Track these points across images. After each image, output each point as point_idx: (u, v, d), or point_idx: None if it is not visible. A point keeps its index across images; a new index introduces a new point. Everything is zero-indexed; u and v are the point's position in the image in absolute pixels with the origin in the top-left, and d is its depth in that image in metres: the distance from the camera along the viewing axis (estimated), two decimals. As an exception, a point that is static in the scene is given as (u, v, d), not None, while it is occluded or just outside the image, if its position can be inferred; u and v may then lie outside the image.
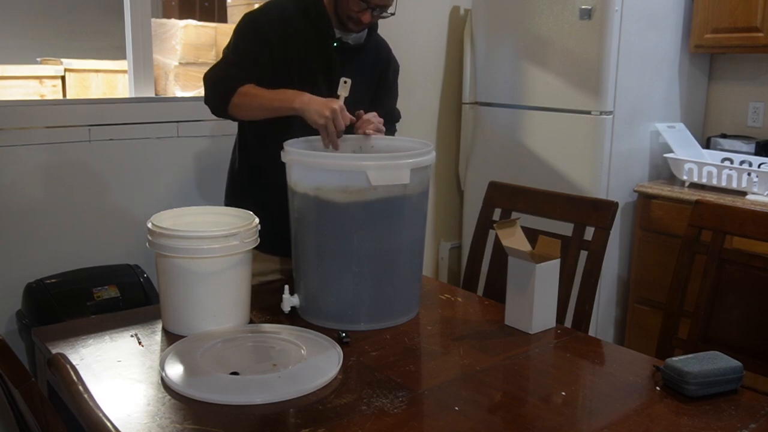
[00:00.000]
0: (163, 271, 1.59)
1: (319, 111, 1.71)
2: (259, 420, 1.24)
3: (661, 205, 2.91)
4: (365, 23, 1.89)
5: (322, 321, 1.66)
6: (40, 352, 1.57)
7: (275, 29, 1.88)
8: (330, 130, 1.71)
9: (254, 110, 1.85)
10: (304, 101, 1.74)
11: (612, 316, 3.16)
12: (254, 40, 1.88)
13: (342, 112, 1.72)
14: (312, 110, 1.72)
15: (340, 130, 1.72)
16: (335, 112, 1.70)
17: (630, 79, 2.93)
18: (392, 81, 2.13)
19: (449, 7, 3.54)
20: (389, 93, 2.12)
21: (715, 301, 1.77)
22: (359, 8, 1.85)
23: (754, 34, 2.87)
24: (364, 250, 1.63)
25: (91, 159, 2.55)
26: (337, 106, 1.71)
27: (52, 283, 2.36)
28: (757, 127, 3.20)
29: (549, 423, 1.25)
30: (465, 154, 3.54)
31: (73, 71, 3.12)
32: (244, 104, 1.84)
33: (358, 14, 1.86)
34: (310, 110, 1.73)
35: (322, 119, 1.70)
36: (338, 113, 1.70)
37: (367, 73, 2.03)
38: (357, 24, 1.89)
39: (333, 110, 1.70)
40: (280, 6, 1.92)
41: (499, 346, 1.58)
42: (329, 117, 1.70)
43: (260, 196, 1.94)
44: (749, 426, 1.25)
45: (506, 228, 1.68)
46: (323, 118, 1.70)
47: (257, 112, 1.85)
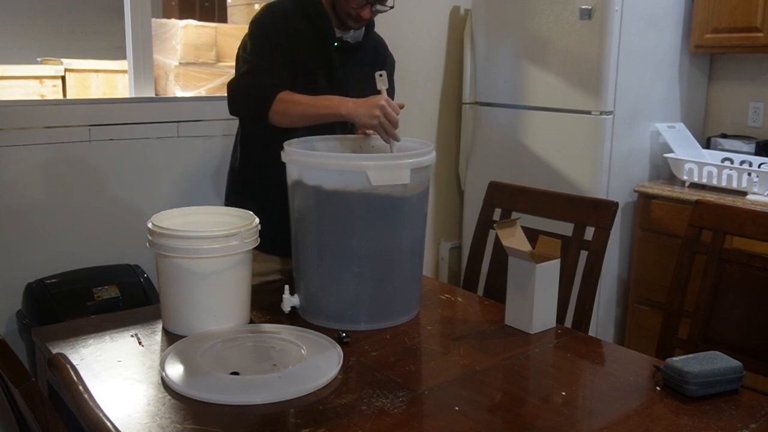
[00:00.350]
0: (163, 271, 1.59)
1: (369, 113, 1.72)
2: (259, 420, 1.24)
3: (661, 205, 2.91)
4: (365, 19, 1.89)
5: (322, 321, 1.66)
6: (40, 352, 1.57)
7: (281, 31, 1.88)
8: (386, 127, 1.73)
9: (297, 117, 1.82)
10: (350, 107, 1.74)
11: (612, 316, 3.16)
12: (266, 43, 1.87)
13: (390, 105, 1.73)
14: (362, 114, 1.73)
15: (394, 122, 1.73)
16: (384, 108, 1.71)
17: (630, 79, 2.93)
18: (389, 76, 2.13)
19: (449, 7, 3.54)
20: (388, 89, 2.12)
21: (715, 301, 1.77)
22: (358, 4, 1.85)
23: (754, 34, 2.87)
24: (364, 250, 1.63)
25: (91, 159, 2.55)
26: (384, 101, 1.72)
27: (52, 283, 2.36)
28: (757, 127, 3.20)
29: (549, 423, 1.25)
30: (465, 154, 3.54)
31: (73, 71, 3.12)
32: (286, 111, 1.81)
33: (358, 10, 1.86)
34: (360, 114, 1.73)
35: (375, 119, 1.71)
36: (387, 108, 1.71)
37: (367, 71, 2.03)
38: (357, 21, 1.89)
39: (382, 107, 1.71)
40: (281, 7, 1.92)
41: (499, 346, 1.58)
42: (380, 115, 1.71)
43: (260, 196, 1.94)
44: (749, 426, 1.25)
45: (506, 228, 1.68)
46: (375, 118, 1.71)
47: (300, 120, 1.83)
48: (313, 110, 1.80)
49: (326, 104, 1.79)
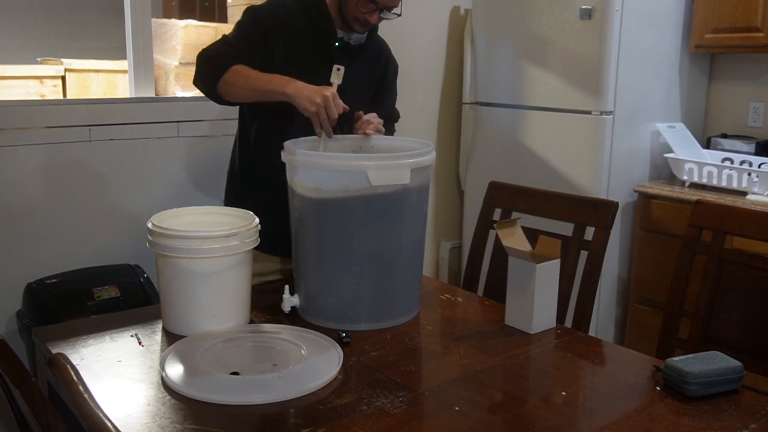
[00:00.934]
0: (163, 271, 1.59)
1: (310, 98, 1.68)
2: (259, 420, 1.24)
3: (662, 205, 2.91)
4: (372, 24, 1.90)
5: (322, 321, 1.66)
6: (41, 352, 1.57)
7: (277, 26, 1.88)
8: (322, 118, 1.68)
9: (244, 90, 1.79)
10: (296, 88, 1.71)
11: (612, 316, 3.16)
12: (254, 29, 1.87)
13: (335, 99, 1.68)
14: (303, 97, 1.69)
15: (332, 118, 1.69)
16: (327, 100, 1.67)
17: (630, 79, 2.93)
18: (392, 81, 2.13)
19: (449, 7, 3.54)
20: (388, 93, 2.12)
21: (715, 301, 1.77)
22: (367, 9, 1.85)
23: (755, 34, 2.87)
24: (364, 250, 1.63)
25: (91, 159, 2.55)
26: (329, 93, 1.68)
27: (53, 283, 2.36)
28: (757, 127, 3.20)
29: (549, 423, 1.25)
30: (465, 154, 3.54)
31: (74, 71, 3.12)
32: (234, 82, 1.79)
33: (366, 15, 1.86)
34: (302, 97, 1.69)
35: (314, 107, 1.67)
36: (330, 101, 1.67)
37: (368, 74, 2.03)
38: (363, 25, 1.89)
39: (325, 97, 1.67)
40: (282, 4, 1.92)
41: (499, 346, 1.58)
42: (321, 104, 1.67)
43: (260, 196, 1.94)
44: (749, 426, 1.25)
45: (506, 228, 1.68)
46: (314, 105, 1.67)
47: (247, 93, 1.80)
48: (260, 84, 1.77)
49: (274, 81, 1.75)
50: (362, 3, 1.84)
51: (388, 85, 2.11)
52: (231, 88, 1.81)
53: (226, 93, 1.82)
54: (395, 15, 1.91)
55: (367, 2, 1.84)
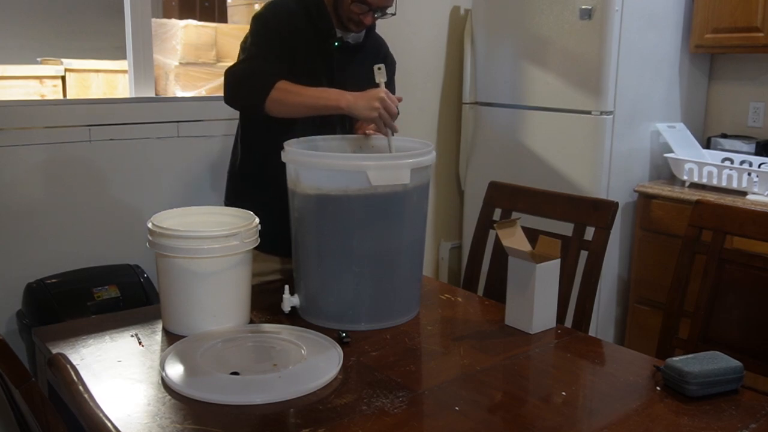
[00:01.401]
0: (163, 271, 1.59)
1: (369, 106, 1.72)
2: (259, 420, 1.24)
3: (662, 205, 2.91)
4: (366, 25, 1.90)
5: (322, 321, 1.66)
6: (40, 352, 1.57)
7: (283, 26, 1.88)
8: (386, 119, 1.73)
9: (295, 107, 1.80)
10: (349, 100, 1.74)
11: (612, 316, 3.16)
12: (266, 35, 1.86)
13: (389, 97, 1.73)
14: (361, 107, 1.73)
15: (393, 115, 1.74)
16: (384, 101, 1.72)
17: (630, 79, 2.93)
18: (390, 77, 2.13)
19: (449, 7, 3.54)
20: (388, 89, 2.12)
21: (715, 301, 1.77)
22: (361, 10, 1.85)
23: (754, 34, 2.87)
24: (364, 250, 1.63)
25: (91, 159, 2.55)
26: (384, 94, 1.73)
27: (52, 283, 2.36)
28: (757, 127, 3.20)
29: (549, 423, 1.25)
30: (465, 154, 3.54)
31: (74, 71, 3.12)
32: (284, 100, 1.79)
33: (360, 16, 1.86)
34: (359, 107, 1.73)
35: (375, 111, 1.72)
36: (387, 101, 1.72)
37: (366, 72, 2.03)
38: (358, 25, 1.90)
39: (382, 99, 1.72)
40: (284, 4, 1.92)
41: (499, 346, 1.58)
42: (380, 107, 1.72)
43: (260, 196, 1.94)
44: (749, 426, 1.25)
45: (506, 228, 1.68)
46: (375, 110, 1.72)
47: (298, 109, 1.81)
48: (311, 101, 1.78)
49: (325, 96, 1.78)
50: (356, 4, 1.84)
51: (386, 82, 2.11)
52: (280, 107, 1.80)
53: (274, 110, 1.81)
54: (390, 15, 1.91)
55: (360, 3, 1.84)
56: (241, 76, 1.84)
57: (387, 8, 1.88)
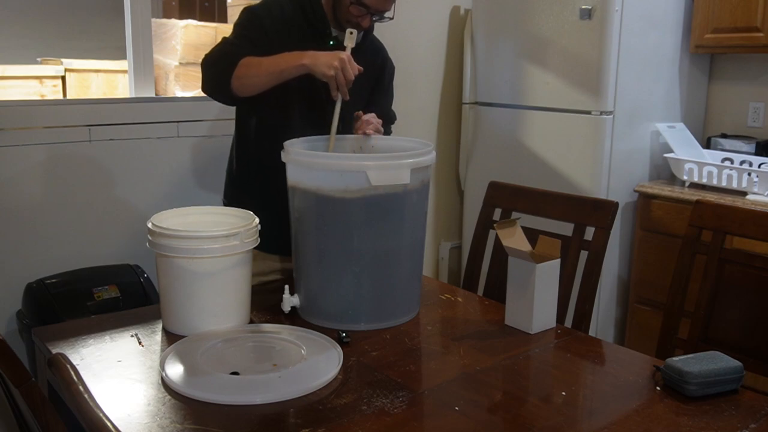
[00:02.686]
0: (163, 271, 1.59)
1: (328, 63, 1.71)
2: (259, 420, 1.24)
3: (661, 205, 2.91)
4: (364, 28, 1.90)
5: (322, 321, 1.66)
6: (40, 352, 1.57)
7: (275, 26, 1.87)
8: (339, 80, 1.72)
9: (259, 78, 1.79)
10: (311, 56, 1.74)
11: (612, 316, 3.16)
12: (253, 29, 1.86)
13: (350, 62, 1.72)
14: (321, 63, 1.72)
15: (349, 80, 1.73)
16: (344, 62, 1.71)
17: (630, 79, 2.93)
18: (388, 82, 2.13)
19: (449, 7, 3.54)
20: (385, 95, 2.13)
21: (716, 301, 1.77)
22: (359, 13, 1.85)
23: (754, 34, 2.87)
24: (364, 250, 1.63)
25: (91, 159, 2.55)
26: (345, 56, 1.72)
27: (52, 283, 2.36)
28: (757, 127, 3.20)
29: (549, 423, 1.25)
30: (465, 154, 3.54)
31: (74, 71, 3.12)
32: (247, 74, 1.78)
33: (358, 19, 1.86)
34: (319, 64, 1.72)
35: (332, 70, 1.71)
36: (347, 63, 1.71)
37: (364, 75, 2.03)
38: (355, 27, 1.90)
39: (341, 60, 1.71)
40: (278, 4, 1.92)
41: (499, 346, 1.58)
42: (338, 67, 1.71)
43: (259, 196, 1.94)
44: (749, 426, 1.25)
45: (506, 228, 1.68)
46: (332, 68, 1.71)
47: (262, 79, 1.79)
48: (274, 66, 1.77)
49: (287, 58, 1.77)
50: (354, 7, 1.84)
51: (384, 86, 2.11)
52: (244, 81, 1.79)
53: (240, 88, 1.80)
54: (388, 19, 1.91)
55: (358, 6, 1.84)
56: (209, 63, 1.85)
57: (385, 12, 1.89)
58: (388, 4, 1.87)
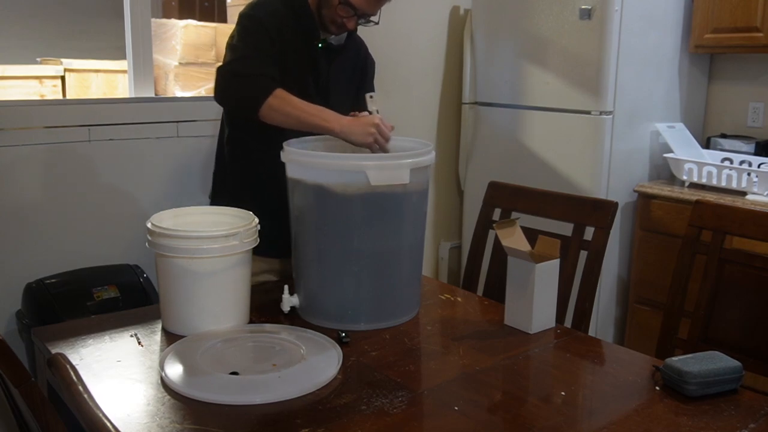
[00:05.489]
0: (163, 271, 1.59)
1: (365, 132, 1.75)
2: (259, 420, 1.24)
3: (661, 205, 2.91)
4: (348, 29, 1.90)
5: (321, 321, 1.66)
6: (40, 352, 1.57)
7: (273, 27, 1.87)
8: (381, 143, 1.76)
9: (289, 118, 1.78)
10: (343, 125, 1.75)
11: (612, 316, 3.16)
12: (259, 36, 1.84)
13: (383, 122, 1.77)
14: (356, 132, 1.75)
15: (387, 140, 1.78)
16: (379, 127, 1.75)
17: (630, 79, 2.93)
18: (370, 79, 2.14)
19: (449, 7, 3.54)
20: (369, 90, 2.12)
21: (715, 301, 1.77)
22: (347, 14, 1.85)
23: (754, 34, 2.87)
24: (364, 249, 1.63)
25: (90, 159, 2.55)
26: (378, 120, 1.76)
27: (52, 283, 2.36)
28: (757, 127, 3.20)
29: (549, 423, 1.25)
30: (465, 154, 3.54)
31: (73, 71, 3.12)
32: (281, 110, 1.77)
33: (344, 19, 1.86)
34: (354, 133, 1.75)
35: (371, 137, 1.75)
36: (382, 127, 1.76)
37: (349, 72, 2.04)
38: (340, 28, 1.90)
39: (377, 125, 1.75)
40: (271, 4, 1.91)
41: (499, 346, 1.58)
42: (376, 133, 1.75)
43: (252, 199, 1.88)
44: (749, 426, 1.25)
45: (506, 228, 1.68)
46: (371, 135, 1.75)
47: (291, 121, 1.79)
48: (308, 117, 1.77)
49: (323, 116, 1.77)
50: (342, 8, 1.84)
51: (368, 82, 2.12)
52: (274, 115, 1.78)
53: (267, 117, 1.79)
54: (373, 23, 1.91)
55: (346, 7, 1.84)
56: (238, 76, 1.80)
57: (372, 15, 1.89)
58: (376, 7, 1.87)
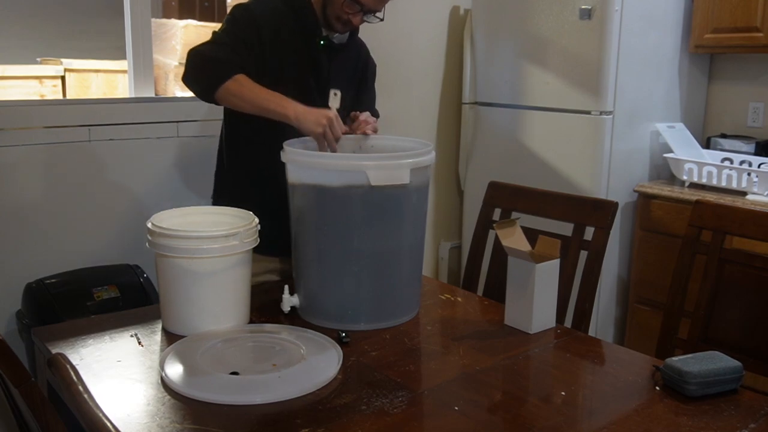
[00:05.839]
0: (163, 271, 1.59)
1: (316, 121, 1.72)
2: (259, 420, 1.24)
3: (661, 205, 2.91)
4: (354, 25, 1.90)
5: (321, 321, 1.66)
6: (40, 352, 1.57)
7: (267, 23, 1.87)
8: (329, 138, 1.74)
9: (246, 103, 1.78)
10: (299, 112, 1.74)
11: (612, 316, 3.16)
12: (247, 28, 1.84)
13: (337, 120, 1.74)
14: (309, 121, 1.73)
15: (337, 138, 1.75)
16: (332, 121, 1.72)
17: (630, 79, 2.93)
18: (371, 81, 2.15)
19: (449, 7, 3.54)
20: (369, 93, 2.14)
21: (715, 301, 1.77)
22: (353, 10, 1.85)
23: (754, 34, 2.87)
24: (364, 249, 1.63)
25: (91, 159, 2.55)
26: (332, 114, 1.74)
27: (52, 283, 2.36)
28: (757, 127, 3.20)
29: (549, 423, 1.25)
30: (465, 154, 3.54)
31: (73, 71, 3.12)
32: (236, 93, 1.77)
33: (350, 16, 1.86)
34: (307, 121, 1.73)
35: (320, 128, 1.72)
36: (334, 121, 1.73)
37: (350, 72, 2.04)
38: (345, 25, 1.90)
39: (329, 119, 1.72)
40: (271, 2, 1.91)
41: (499, 346, 1.58)
42: (326, 125, 1.72)
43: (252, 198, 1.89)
44: (749, 426, 1.25)
45: (506, 228, 1.68)
46: (321, 126, 1.72)
47: (247, 106, 1.79)
48: (264, 102, 1.77)
49: (278, 101, 1.76)
50: (348, 3, 1.84)
51: (368, 85, 2.12)
52: (231, 98, 1.79)
53: (223, 100, 1.80)
54: (378, 19, 1.91)
55: (353, 3, 1.84)
56: (199, 59, 1.81)
57: (377, 12, 1.89)
58: (381, 4, 1.87)
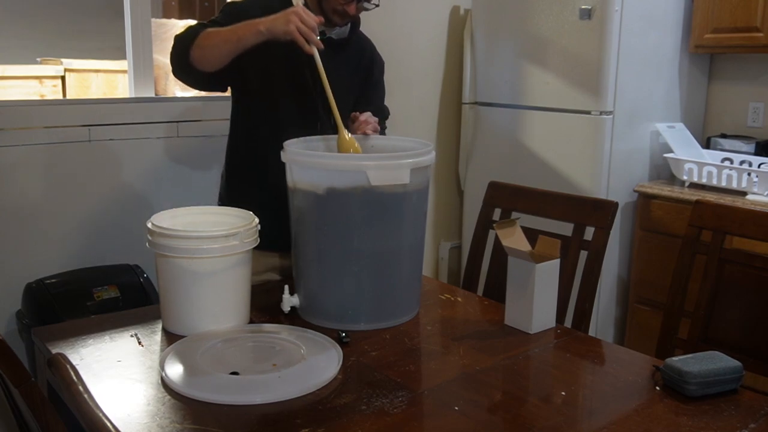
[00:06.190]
0: (163, 271, 1.59)
1: (285, 20, 1.68)
2: (259, 420, 1.24)
3: (661, 205, 2.91)
4: (351, 15, 1.89)
5: (321, 321, 1.66)
6: (40, 352, 1.57)
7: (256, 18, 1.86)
8: (304, 31, 1.69)
9: (218, 47, 1.75)
10: (266, 22, 1.70)
11: (612, 316, 3.16)
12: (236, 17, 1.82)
13: (305, 11, 1.70)
14: (278, 24, 1.69)
15: (312, 27, 1.70)
16: (299, 13, 1.68)
17: (630, 79, 2.93)
18: (378, 78, 2.12)
19: (449, 7, 3.54)
20: (376, 90, 2.12)
21: (715, 301, 1.77)
22: (345, 0, 1.85)
23: (754, 34, 2.87)
24: (364, 249, 1.63)
25: (91, 159, 2.55)
26: (298, 8, 1.69)
27: (52, 283, 2.36)
28: (757, 127, 3.20)
29: (549, 423, 1.25)
30: (465, 154, 3.54)
31: (73, 71, 3.12)
32: (205, 44, 1.75)
33: (344, 6, 1.86)
34: (276, 25, 1.69)
35: (291, 24, 1.68)
36: (302, 14, 1.68)
37: (352, 69, 2.03)
38: (342, 17, 1.89)
39: (296, 12, 1.68)
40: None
41: (499, 346, 1.58)
42: (297, 20, 1.68)
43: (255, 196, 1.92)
44: (749, 426, 1.25)
45: (506, 228, 1.68)
46: (291, 23, 1.68)
47: (220, 49, 1.75)
48: (231, 34, 1.74)
49: (245, 26, 1.73)
50: None
51: (374, 82, 2.10)
52: (203, 51, 1.76)
53: (199, 59, 1.77)
54: (374, 5, 1.90)
55: None
56: (175, 38, 1.81)
57: None
58: None
